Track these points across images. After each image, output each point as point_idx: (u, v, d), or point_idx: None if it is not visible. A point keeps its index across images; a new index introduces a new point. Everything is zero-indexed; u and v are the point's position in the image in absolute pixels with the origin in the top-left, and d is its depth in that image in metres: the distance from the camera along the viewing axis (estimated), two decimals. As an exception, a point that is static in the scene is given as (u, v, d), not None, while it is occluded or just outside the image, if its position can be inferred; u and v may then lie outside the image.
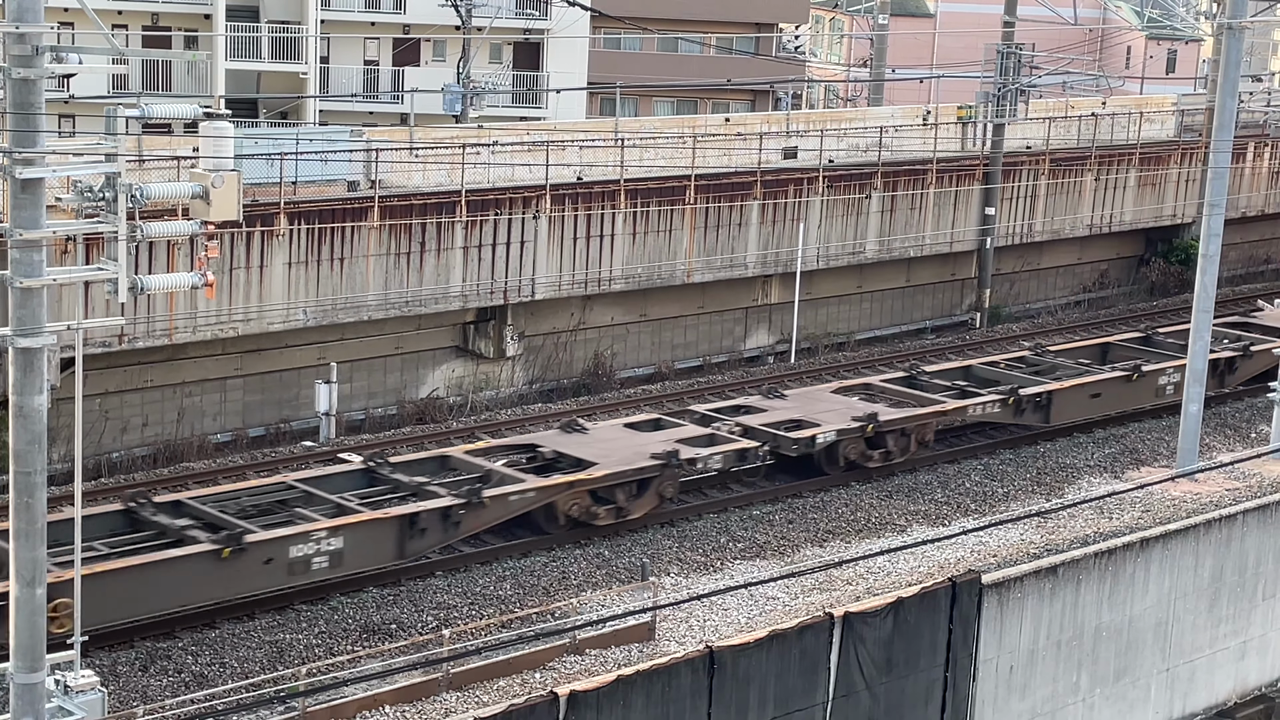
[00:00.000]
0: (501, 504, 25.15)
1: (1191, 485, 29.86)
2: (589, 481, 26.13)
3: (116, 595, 21.07)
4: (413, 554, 24.15)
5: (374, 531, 23.57)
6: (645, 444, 27.62)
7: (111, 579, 21.09)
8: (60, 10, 47.01)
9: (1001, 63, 42.89)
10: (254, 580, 22.48)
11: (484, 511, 24.82)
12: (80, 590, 16.23)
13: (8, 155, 13.53)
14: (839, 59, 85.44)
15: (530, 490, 25.57)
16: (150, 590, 21.50)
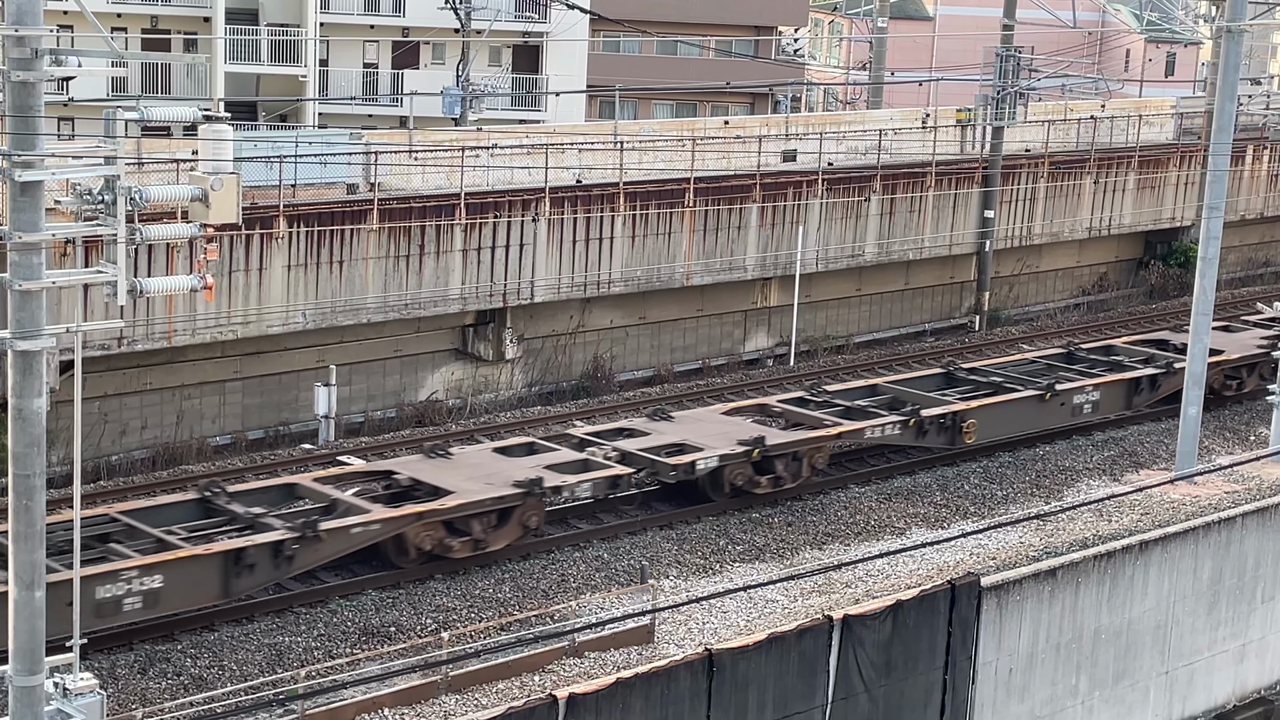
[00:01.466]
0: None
1: (1190, 488, 29.88)
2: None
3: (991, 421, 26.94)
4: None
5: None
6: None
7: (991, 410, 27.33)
8: (60, 13, 47.04)
9: (1000, 65, 42.90)
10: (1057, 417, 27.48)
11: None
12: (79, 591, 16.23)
13: (7, 158, 13.53)
14: (838, 62, 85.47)
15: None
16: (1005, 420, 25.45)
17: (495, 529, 24.83)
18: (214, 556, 21.98)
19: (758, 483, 27.98)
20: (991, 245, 43.84)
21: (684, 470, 27.04)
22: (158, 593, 21.34)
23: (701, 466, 27.24)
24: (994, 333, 43.60)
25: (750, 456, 27.71)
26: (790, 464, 28.26)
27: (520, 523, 25.04)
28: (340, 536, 23.21)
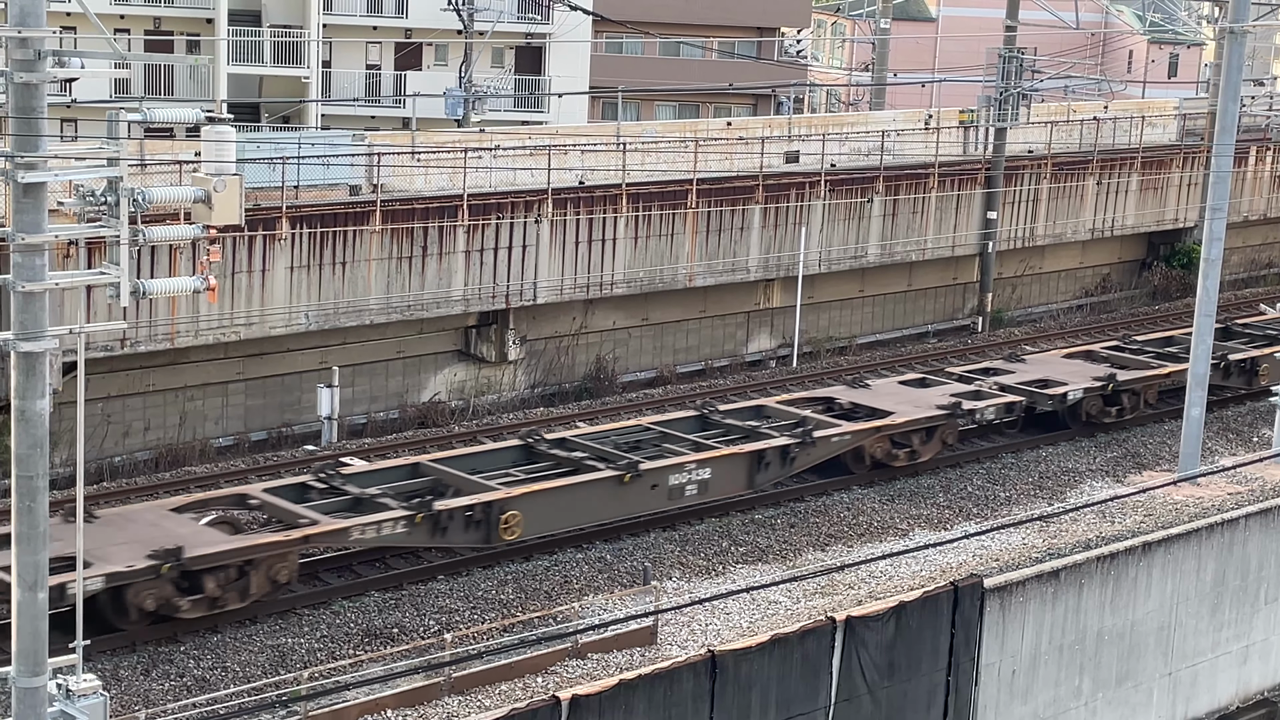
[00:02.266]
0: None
1: (1193, 489, 29.86)
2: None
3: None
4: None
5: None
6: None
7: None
8: (63, 14, 47.03)
9: (1003, 67, 42.90)
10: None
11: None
12: (82, 591, 16.22)
13: (10, 159, 13.53)
14: (841, 63, 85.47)
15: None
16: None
17: (925, 443, 30.00)
18: (745, 455, 27.25)
19: (1107, 413, 33.16)
20: (994, 246, 43.83)
21: (1058, 400, 32.10)
22: (708, 482, 26.60)
23: (1071, 397, 32.28)
24: (997, 334, 43.58)
25: (1105, 390, 32.93)
26: (1132, 398, 33.42)
27: (941, 439, 30.20)
28: (825, 444, 28.47)
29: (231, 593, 22.05)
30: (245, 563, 22.09)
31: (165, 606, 21.61)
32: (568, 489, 25.38)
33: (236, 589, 22.09)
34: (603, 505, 25.69)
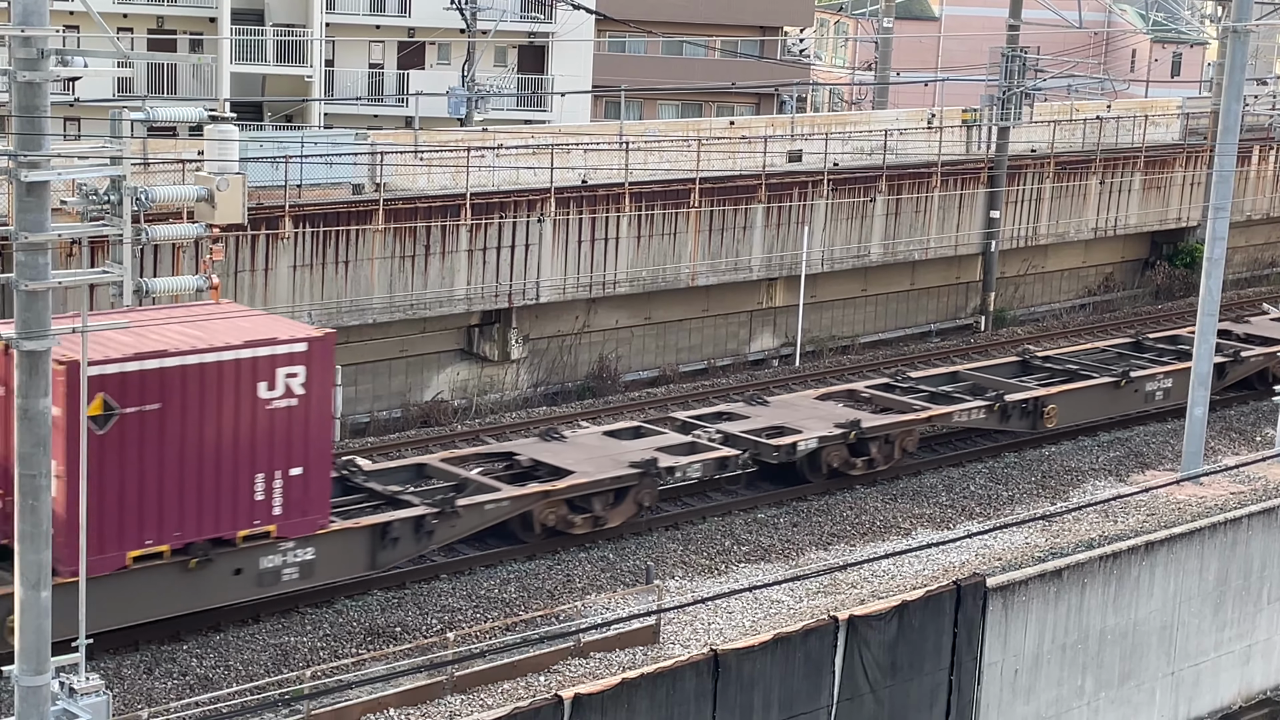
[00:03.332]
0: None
1: (1196, 489, 29.85)
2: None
3: None
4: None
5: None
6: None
7: None
8: (66, 14, 47.05)
9: (1006, 66, 42.88)
10: None
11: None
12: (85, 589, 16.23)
13: (13, 158, 13.54)
14: (843, 62, 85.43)
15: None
16: None
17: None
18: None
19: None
20: (997, 246, 43.80)
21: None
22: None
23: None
24: (999, 333, 43.57)
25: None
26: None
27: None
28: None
29: (881, 455, 29.66)
30: (889, 435, 29.64)
31: (843, 465, 29.22)
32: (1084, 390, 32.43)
33: (885, 452, 29.67)
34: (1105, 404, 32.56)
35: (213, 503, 21.46)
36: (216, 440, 21.37)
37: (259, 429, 21.72)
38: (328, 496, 22.91)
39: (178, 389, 20.94)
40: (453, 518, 24.26)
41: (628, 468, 26.42)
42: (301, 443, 22.17)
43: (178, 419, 21.01)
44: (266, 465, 21.79)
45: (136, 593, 21.15)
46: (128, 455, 20.72)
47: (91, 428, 20.07)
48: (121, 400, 20.46)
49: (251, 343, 21.65)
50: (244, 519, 21.78)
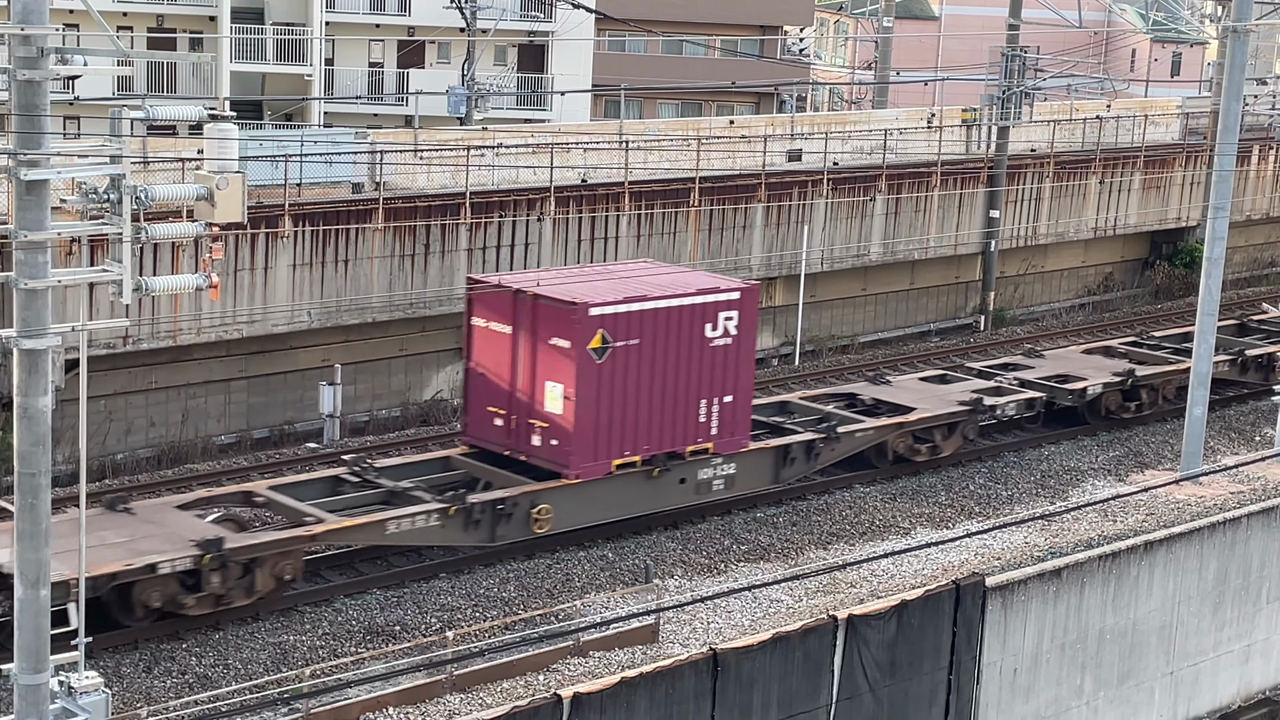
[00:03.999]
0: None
1: (1196, 488, 29.86)
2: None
3: None
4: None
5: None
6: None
7: None
8: (65, 12, 47.06)
9: (1006, 65, 42.89)
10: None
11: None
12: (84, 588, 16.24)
13: (13, 157, 13.54)
14: (843, 61, 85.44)
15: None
16: None
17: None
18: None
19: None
20: (997, 245, 43.82)
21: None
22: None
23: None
24: (999, 333, 43.58)
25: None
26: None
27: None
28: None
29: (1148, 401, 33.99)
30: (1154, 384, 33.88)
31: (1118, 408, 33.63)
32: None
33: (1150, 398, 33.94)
34: None
35: (670, 422, 26.26)
36: (675, 371, 26.10)
37: (704, 363, 26.36)
38: (749, 421, 27.55)
39: (650, 328, 25.57)
40: (834, 442, 28.78)
41: (958, 405, 30.74)
42: (733, 374, 26.78)
43: (649, 353, 25.64)
44: (708, 392, 26.56)
45: (617, 494, 25.99)
46: (616, 381, 25.34)
47: (592, 357, 24.97)
48: (614, 336, 25.14)
49: (703, 290, 26.38)
50: (691, 437, 26.53)
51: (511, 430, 25.96)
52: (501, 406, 26.00)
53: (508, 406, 25.93)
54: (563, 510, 25.28)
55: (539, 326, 25.40)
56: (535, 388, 25.51)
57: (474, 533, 24.41)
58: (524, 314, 25.71)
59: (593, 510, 25.66)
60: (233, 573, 22.06)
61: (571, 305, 24.91)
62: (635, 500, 26.19)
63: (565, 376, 25.03)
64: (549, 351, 25.28)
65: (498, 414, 26.08)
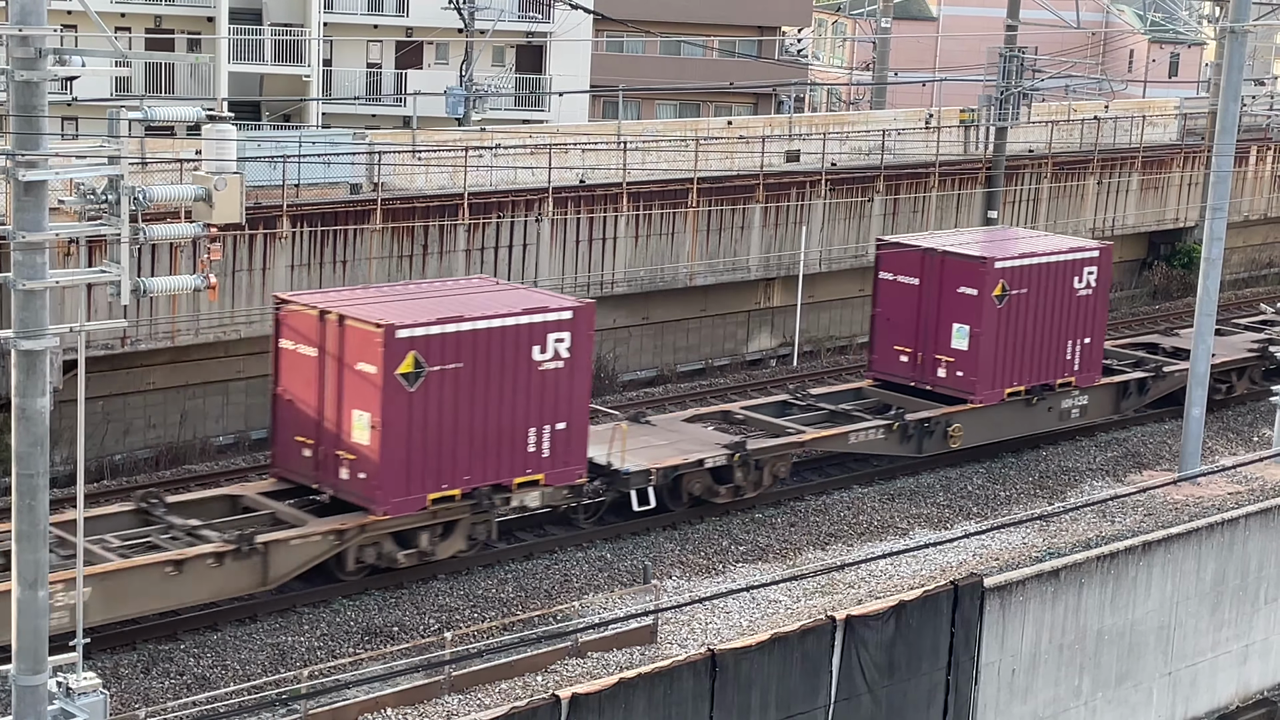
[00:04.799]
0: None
1: (1194, 489, 29.87)
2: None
3: None
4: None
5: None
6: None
7: None
8: (63, 13, 47.04)
9: (1004, 66, 42.88)
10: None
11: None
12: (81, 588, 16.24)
13: (11, 157, 13.54)
14: (841, 62, 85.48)
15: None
16: None
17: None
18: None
19: None
20: (995, 246, 43.79)
21: None
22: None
23: None
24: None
25: None
26: None
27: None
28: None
29: None
30: None
31: None
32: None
33: None
34: None
35: (1051, 358, 31.42)
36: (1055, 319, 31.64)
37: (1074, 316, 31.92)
38: (1099, 362, 32.65)
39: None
40: (1160, 380, 33.90)
41: (1246, 352, 35.84)
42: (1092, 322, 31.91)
43: None
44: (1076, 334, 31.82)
45: (1009, 418, 31.42)
46: None
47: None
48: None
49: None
50: (1063, 373, 31.84)
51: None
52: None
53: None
54: (970, 429, 30.54)
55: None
56: None
57: (907, 445, 30.03)
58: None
59: (990, 430, 31.10)
60: (750, 469, 27.88)
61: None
62: (1024, 423, 31.70)
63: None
64: None
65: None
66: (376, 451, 23.12)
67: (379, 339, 22.94)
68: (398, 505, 23.38)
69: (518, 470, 24.57)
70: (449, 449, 23.70)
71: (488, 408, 24.00)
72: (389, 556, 23.88)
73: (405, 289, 26.32)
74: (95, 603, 20.59)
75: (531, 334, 24.39)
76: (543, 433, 24.71)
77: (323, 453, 23.97)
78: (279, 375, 24.60)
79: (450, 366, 23.55)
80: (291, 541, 22.81)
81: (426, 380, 23.34)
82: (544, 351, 24.53)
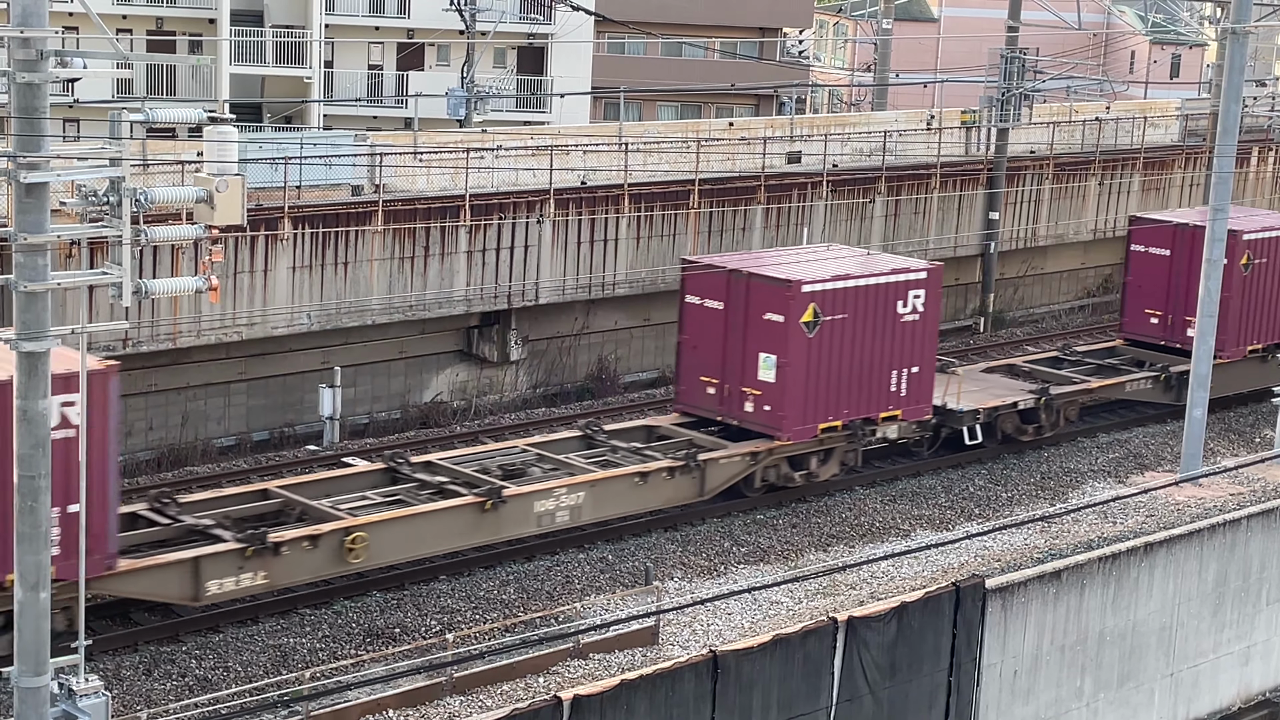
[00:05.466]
0: None
1: (1195, 490, 29.86)
2: None
3: None
4: None
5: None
6: None
7: None
8: (65, 15, 47.06)
9: (1005, 67, 42.89)
10: None
11: None
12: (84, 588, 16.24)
13: (12, 159, 13.55)
14: (843, 63, 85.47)
15: None
16: None
17: None
18: None
19: None
20: (996, 247, 43.80)
21: None
22: None
23: None
24: (999, 334, 43.57)
25: None
26: None
27: None
28: None
29: None
30: None
31: None
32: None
33: None
34: None
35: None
36: None
37: None
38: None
39: None
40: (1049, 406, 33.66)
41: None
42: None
43: None
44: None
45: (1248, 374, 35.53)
46: None
47: None
48: None
49: None
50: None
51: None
52: None
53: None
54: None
55: None
56: None
57: (1168, 394, 34.17)
58: None
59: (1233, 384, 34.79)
60: (1051, 412, 32.42)
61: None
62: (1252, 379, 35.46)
63: None
64: None
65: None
66: (782, 388, 27.90)
67: (789, 293, 27.71)
68: (797, 433, 28.20)
69: (882, 406, 29.23)
70: (834, 386, 28.35)
71: (863, 352, 28.69)
72: (786, 477, 28.64)
73: (788, 253, 31.29)
74: (587, 505, 25.88)
75: (897, 291, 29.02)
76: (901, 375, 29.32)
77: (728, 390, 28.78)
78: (685, 326, 29.52)
79: (838, 317, 28.12)
80: (721, 460, 27.68)
81: (821, 328, 28.01)
82: (905, 306, 29.23)
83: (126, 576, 21.44)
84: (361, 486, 25.84)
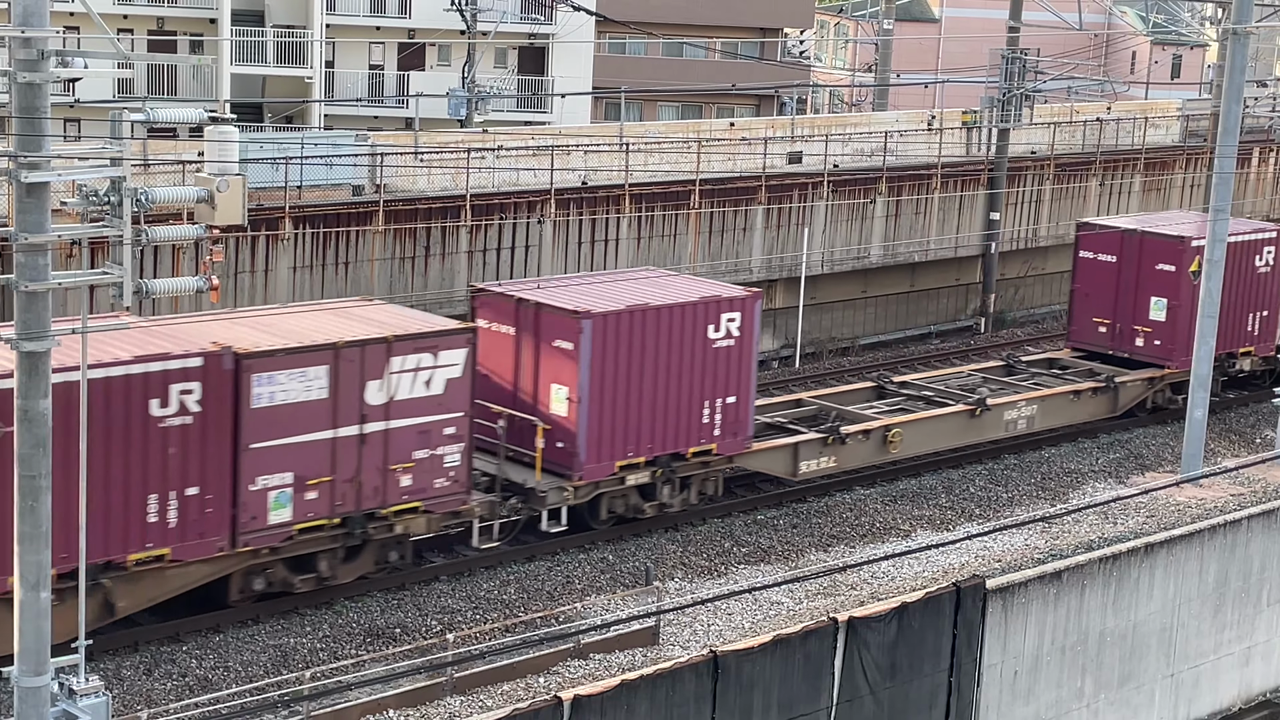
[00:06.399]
0: None
1: (1196, 490, 29.86)
2: None
3: None
4: None
5: None
6: None
7: None
8: (66, 15, 47.05)
9: (1006, 68, 42.89)
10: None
11: None
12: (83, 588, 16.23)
13: (13, 159, 13.55)
14: (844, 64, 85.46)
15: None
16: None
17: None
18: None
19: None
20: (997, 247, 43.81)
21: None
22: None
23: None
24: (999, 335, 43.57)
25: None
26: None
27: None
28: None
29: None
30: None
31: None
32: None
33: None
34: None
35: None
36: None
37: None
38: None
39: None
40: None
41: None
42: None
43: None
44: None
45: None
46: None
47: None
48: None
49: None
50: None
51: None
52: None
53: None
54: None
55: None
56: None
57: None
58: None
59: None
60: None
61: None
62: None
63: None
64: None
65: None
66: (1173, 323, 33.63)
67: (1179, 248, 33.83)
68: (1183, 362, 32.68)
69: None
70: None
71: None
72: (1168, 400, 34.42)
73: None
74: (1038, 416, 32.24)
75: None
76: None
77: (1119, 329, 34.80)
78: (1078, 277, 35.76)
79: None
80: (1127, 384, 33.55)
81: None
82: None
83: (754, 455, 27.84)
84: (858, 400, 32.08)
